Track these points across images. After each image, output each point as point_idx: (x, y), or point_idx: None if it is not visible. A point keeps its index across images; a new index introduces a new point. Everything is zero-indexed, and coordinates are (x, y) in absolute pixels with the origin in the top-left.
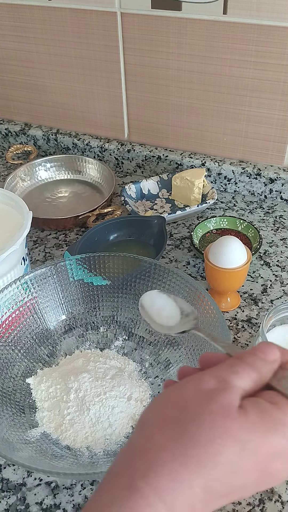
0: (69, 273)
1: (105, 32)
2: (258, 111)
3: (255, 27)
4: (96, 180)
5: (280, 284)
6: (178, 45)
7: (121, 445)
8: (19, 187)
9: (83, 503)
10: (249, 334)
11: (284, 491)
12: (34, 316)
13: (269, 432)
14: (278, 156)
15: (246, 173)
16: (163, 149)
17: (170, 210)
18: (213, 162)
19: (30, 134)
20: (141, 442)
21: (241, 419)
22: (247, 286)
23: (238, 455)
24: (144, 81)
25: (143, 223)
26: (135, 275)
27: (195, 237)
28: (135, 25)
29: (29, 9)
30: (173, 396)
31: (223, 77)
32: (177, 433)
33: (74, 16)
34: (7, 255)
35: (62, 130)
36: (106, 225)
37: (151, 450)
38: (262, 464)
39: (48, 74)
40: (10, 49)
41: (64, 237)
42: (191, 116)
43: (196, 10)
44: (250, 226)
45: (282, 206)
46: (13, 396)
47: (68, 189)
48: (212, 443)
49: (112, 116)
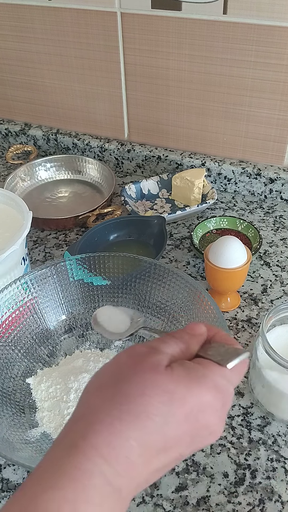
0: (69, 273)
1: (105, 32)
2: (258, 111)
3: (255, 27)
4: (96, 180)
5: (280, 284)
6: (178, 45)
7: None
8: (19, 187)
9: None
10: (249, 334)
11: (284, 491)
12: (34, 316)
13: (193, 383)
14: (278, 156)
15: (246, 173)
16: (163, 149)
17: (170, 210)
18: (213, 162)
19: (30, 134)
20: (81, 409)
21: (168, 374)
22: (247, 286)
23: (167, 405)
24: (144, 81)
25: (143, 223)
26: (135, 275)
27: (195, 237)
28: (135, 25)
29: (29, 9)
30: (109, 365)
31: (223, 77)
32: (111, 393)
33: (74, 16)
34: (7, 255)
35: (62, 130)
36: (106, 225)
37: (89, 413)
38: (191, 415)
39: (48, 74)
40: (10, 49)
41: (64, 237)
42: (191, 116)
43: (196, 10)
44: (250, 226)
45: (282, 206)
46: (13, 396)
47: (68, 189)
48: (143, 395)
49: (112, 116)
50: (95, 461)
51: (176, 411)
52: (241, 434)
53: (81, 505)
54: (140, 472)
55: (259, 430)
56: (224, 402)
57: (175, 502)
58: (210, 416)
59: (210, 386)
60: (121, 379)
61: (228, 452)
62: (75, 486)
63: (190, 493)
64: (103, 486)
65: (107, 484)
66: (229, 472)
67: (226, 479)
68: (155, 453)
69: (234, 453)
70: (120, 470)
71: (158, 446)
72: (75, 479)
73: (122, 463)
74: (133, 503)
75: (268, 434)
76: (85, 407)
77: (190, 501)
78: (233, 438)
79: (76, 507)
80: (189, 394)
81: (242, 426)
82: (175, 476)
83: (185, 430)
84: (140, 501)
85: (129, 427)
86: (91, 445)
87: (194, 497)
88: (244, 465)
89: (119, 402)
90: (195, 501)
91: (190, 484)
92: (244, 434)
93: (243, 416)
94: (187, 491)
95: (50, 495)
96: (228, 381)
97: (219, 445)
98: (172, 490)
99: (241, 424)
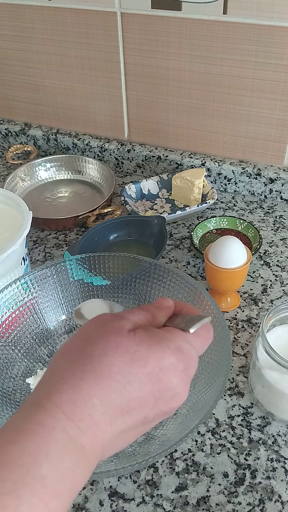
0: (69, 273)
1: (105, 32)
2: (258, 111)
3: (255, 27)
4: (96, 180)
5: (280, 284)
6: (178, 45)
7: None
8: (19, 187)
9: (83, 503)
10: (249, 334)
11: (284, 491)
12: (34, 316)
13: (154, 344)
14: (278, 156)
15: (246, 173)
16: (163, 149)
17: (170, 210)
18: (213, 162)
19: (30, 134)
20: (48, 373)
21: (131, 336)
22: (247, 286)
23: (128, 365)
24: (144, 81)
25: (143, 223)
26: (135, 275)
27: (195, 237)
28: (135, 25)
29: (29, 9)
30: (76, 332)
31: (223, 77)
32: (76, 355)
33: (74, 16)
34: (7, 255)
35: (62, 130)
36: (106, 225)
37: (55, 375)
38: (152, 374)
39: (48, 74)
40: (10, 49)
41: (64, 237)
42: (191, 116)
43: (196, 10)
44: (250, 226)
45: (282, 206)
46: (13, 396)
47: (68, 189)
48: (105, 355)
49: (112, 116)
50: (57, 418)
51: (138, 371)
52: (241, 434)
53: (41, 457)
54: (104, 431)
55: (259, 430)
56: (187, 365)
57: (175, 502)
58: (172, 376)
59: (172, 347)
60: (88, 343)
61: (228, 452)
62: (36, 440)
63: (190, 493)
64: (65, 441)
65: (69, 440)
66: (229, 472)
67: (226, 479)
68: (119, 413)
69: (234, 453)
70: (83, 427)
71: (121, 405)
72: (36, 434)
73: (85, 421)
74: (133, 503)
75: (268, 434)
76: (52, 370)
77: (190, 501)
78: (233, 438)
79: (36, 459)
80: (151, 354)
81: (242, 426)
82: (175, 476)
83: (148, 390)
84: (140, 501)
85: (92, 386)
86: (54, 403)
87: (194, 497)
88: (244, 465)
89: (83, 363)
90: (195, 501)
91: (190, 484)
92: (244, 434)
93: (243, 416)
94: (187, 491)
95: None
96: (190, 344)
97: (219, 445)
98: (172, 490)
99: (241, 424)
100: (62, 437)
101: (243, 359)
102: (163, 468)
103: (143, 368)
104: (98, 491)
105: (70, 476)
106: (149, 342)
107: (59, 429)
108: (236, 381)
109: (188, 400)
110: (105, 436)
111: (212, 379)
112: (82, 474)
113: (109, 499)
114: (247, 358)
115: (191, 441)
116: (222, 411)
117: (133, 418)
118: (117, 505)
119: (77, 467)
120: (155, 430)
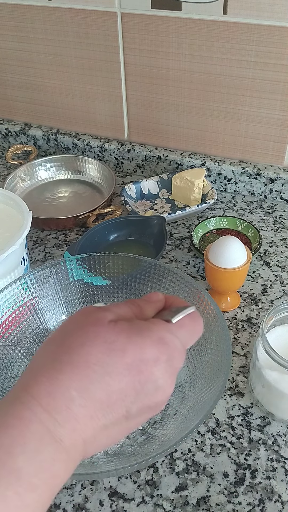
0: (69, 273)
1: (105, 32)
2: (258, 111)
3: (255, 27)
4: (96, 180)
5: (280, 284)
6: (178, 45)
7: (121, 445)
8: (19, 187)
9: (83, 503)
10: (249, 334)
11: (284, 491)
12: (34, 316)
13: (134, 334)
14: (278, 156)
15: (246, 173)
16: (163, 149)
17: (170, 210)
18: (213, 162)
19: (30, 134)
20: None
21: (110, 327)
22: (247, 286)
23: (106, 355)
24: (144, 81)
25: (143, 223)
26: (135, 275)
27: (195, 237)
28: (135, 25)
29: (29, 9)
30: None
31: (223, 77)
32: (55, 347)
33: (74, 16)
34: (7, 255)
35: (62, 130)
36: (106, 225)
37: (34, 367)
38: (132, 366)
39: (48, 74)
40: (10, 49)
41: (64, 237)
42: (191, 116)
43: (196, 10)
44: (250, 226)
45: (282, 206)
46: None
47: (68, 189)
48: (83, 346)
49: (112, 116)
50: (34, 410)
51: (117, 361)
52: (241, 434)
53: (17, 450)
54: (84, 424)
55: (259, 430)
56: (170, 356)
57: (175, 502)
58: (153, 368)
59: (154, 338)
60: (66, 334)
61: (228, 452)
62: (11, 432)
63: (190, 493)
64: (42, 433)
65: (47, 432)
66: (229, 472)
67: (226, 479)
68: (99, 406)
69: (234, 453)
70: (60, 419)
71: (101, 398)
72: (12, 426)
73: (63, 413)
74: (133, 503)
75: (268, 434)
76: (32, 363)
77: (190, 501)
78: (233, 438)
79: (11, 451)
80: (130, 345)
81: (242, 426)
82: (175, 476)
83: (128, 382)
84: (140, 501)
85: (69, 377)
86: (31, 395)
87: (194, 497)
88: (244, 465)
89: (61, 354)
90: (195, 501)
91: (190, 484)
92: (244, 434)
93: (243, 416)
94: (187, 491)
95: None
96: (173, 335)
97: (219, 445)
98: (172, 490)
99: (241, 424)
100: (38, 429)
101: (243, 359)
102: (163, 468)
103: (122, 358)
104: (98, 491)
105: (48, 470)
106: (129, 332)
107: (35, 421)
108: (236, 381)
109: (188, 400)
110: (86, 430)
111: (212, 379)
112: (62, 468)
113: (109, 499)
114: (247, 358)
115: (191, 441)
116: (222, 411)
117: (114, 411)
118: (117, 505)
119: (56, 460)
120: (155, 430)
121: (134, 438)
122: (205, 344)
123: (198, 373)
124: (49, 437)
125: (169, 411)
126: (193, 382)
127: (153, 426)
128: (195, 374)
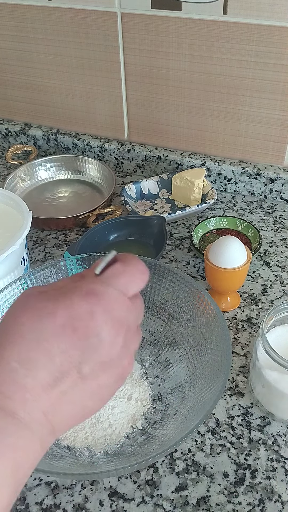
0: (69, 273)
1: (105, 32)
2: (258, 111)
3: (255, 27)
4: (96, 180)
5: (280, 284)
6: (178, 45)
7: (121, 445)
8: (19, 187)
9: (83, 503)
10: (249, 334)
11: (284, 491)
12: None
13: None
14: (278, 156)
15: (246, 173)
16: (163, 149)
17: (170, 210)
18: (213, 162)
19: (30, 134)
20: None
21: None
22: (247, 286)
23: (38, 322)
24: (144, 81)
25: (143, 223)
26: None
27: (195, 237)
28: (135, 25)
29: (29, 9)
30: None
31: (223, 77)
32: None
33: (74, 16)
34: (7, 255)
35: (62, 130)
36: (106, 225)
37: None
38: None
39: (48, 74)
40: (10, 49)
41: (64, 237)
42: (191, 116)
43: (196, 10)
44: (250, 226)
45: (282, 206)
46: None
47: (68, 189)
48: (14, 317)
49: (112, 116)
50: None
51: (49, 325)
52: (241, 434)
53: None
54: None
55: (259, 430)
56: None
57: (175, 502)
58: (89, 322)
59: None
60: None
61: (228, 452)
62: None
63: (190, 493)
64: None
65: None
66: (229, 472)
67: (226, 479)
68: (46, 373)
69: (234, 453)
70: (8, 392)
71: (45, 364)
72: None
73: (8, 385)
74: (133, 503)
75: (268, 434)
76: None
77: (190, 501)
78: (233, 438)
79: None
80: (58, 306)
81: (242, 426)
82: (175, 476)
83: (67, 342)
84: (140, 501)
85: (8, 350)
86: None
87: (194, 497)
88: (244, 465)
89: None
90: (195, 501)
91: (190, 484)
92: (244, 434)
93: (243, 416)
94: (187, 491)
95: None
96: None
97: (219, 445)
98: (172, 490)
99: (241, 424)
100: None
101: (243, 359)
102: (163, 468)
103: (54, 321)
104: (98, 491)
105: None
106: (57, 295)
107: None
108: (236, 381)
109: (188, 400)
110: (40, 400)
111: (212, 379)
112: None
113: (109, 499)
114: (247, 358)
115: (191, 441)
116: (222, 411)
117: (64, 375)
118: (117, 505)
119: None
120: (155, 430)
121: (134, 438)
122: (205, 344)
123: (198, 373)
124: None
125: (169, 411)
126: (193, 382)
127: (153, 426)
128: (195, 374)
